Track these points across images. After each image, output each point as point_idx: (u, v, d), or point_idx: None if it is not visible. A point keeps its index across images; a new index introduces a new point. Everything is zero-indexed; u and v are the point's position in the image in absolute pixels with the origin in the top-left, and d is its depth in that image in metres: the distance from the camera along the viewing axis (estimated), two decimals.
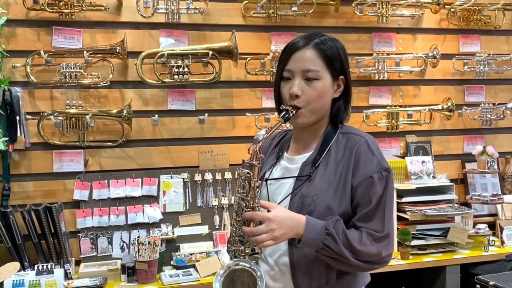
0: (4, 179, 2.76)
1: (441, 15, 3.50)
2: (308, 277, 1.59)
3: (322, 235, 1.51)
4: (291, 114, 1.58)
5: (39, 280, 2.50)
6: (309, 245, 1.54)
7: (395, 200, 2.99)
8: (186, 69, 2.96)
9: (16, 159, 2.87)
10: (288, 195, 1.62)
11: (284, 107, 1.60)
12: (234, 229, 1.57)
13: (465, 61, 3.53)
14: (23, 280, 2.48)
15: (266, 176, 1.70)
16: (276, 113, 2.28)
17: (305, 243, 1.52)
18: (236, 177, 1.58)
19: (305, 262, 1.58)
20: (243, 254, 1.55)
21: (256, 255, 1.56)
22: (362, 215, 1.56)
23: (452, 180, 3.37)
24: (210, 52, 2.95)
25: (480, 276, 2.73)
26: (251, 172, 1.53)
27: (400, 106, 3.40)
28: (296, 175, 1.64)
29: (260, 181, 1.55)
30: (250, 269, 1.52)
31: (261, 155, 1.55)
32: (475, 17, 3.51)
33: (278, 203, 1.62)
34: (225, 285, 1.51)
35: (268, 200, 1.65)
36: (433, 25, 3.51)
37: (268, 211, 1.52)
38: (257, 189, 1.53)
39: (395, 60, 3.38)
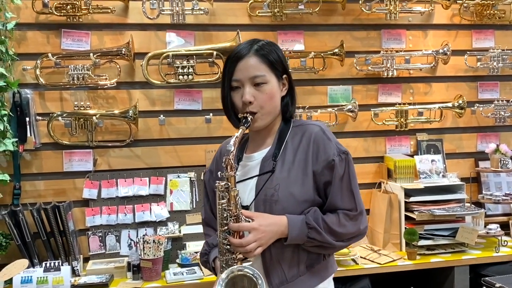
0: (15, 178, 2.85)
1: (453, 11, 3.42)
2: (280, 269, 1.65)
3: (305, 230, 1.60)
4: (250, 121, 1.65)
5: (46, 277, 2.58)
6: (295, 241, 1.62)
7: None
8: (190, 70, 2.99)
9: (27, 159, 2.96)
10: (258, 192, 1.66)
11: (241, 115, 1.67)
12: (221, 240, 1.59)
13: (478, 57, 3.44)
14: (31, 276, 2.57)
15: None
16: None
17: (291, 240, 1.61)
18: (214, 189, 1.63)
19: (276, 255, 1.64)
20: (235, 261, 1.57)
21: (246, 260, 1.58)
22: (332, 197, 1.64)
23: (464, 179, 3.31)
24: (215, 52, 2.97)
25: (487, 278, 2.68)
26: (229, 183, 1.58)
27: (410, 104, 3.35)
28: (256, 171, 1.70)
29: (238, 189, 1.59)
30: (252, 276, 1.52)
31: (235, 164, 1.61)
32: (488, 11, 3.42)
33: (249, 205, 1.67)
34: None
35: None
36: (445, 20, 3.44)
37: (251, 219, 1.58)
38: (237, 197, 1.57)
39: (405, 57, 3.33)
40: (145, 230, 3.01)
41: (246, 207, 1.68)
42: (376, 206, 3.24)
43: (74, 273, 2.77)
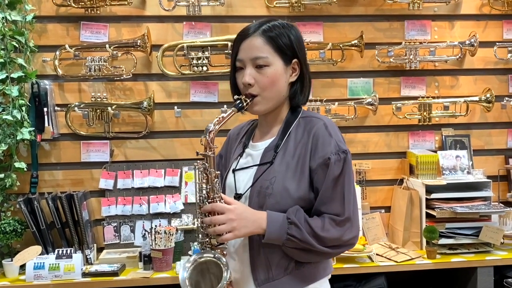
0: (33, 167, 2.92)
1: (482, 0, 3.27)
2: (266, 265, 1.57)
3: (285, 225, 1.49)
4: (244, 103, 1.58)
5: (58, 263, 2.62)
6: (274, 238, 1.52)
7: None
8: (205, 61, 2.98)
9: (46, 149, 3.02)
10: (254, 182, 1.60)
11: (237, 96, 1.60)
12: (199, 222, 1.55)
13: (509, 48, 3.27)
14: (43, 263, 2.61)
15: (233, 166, 1.70)
16: None
17: (269, 236, 1.51)
18: (194, 170, 1.59)
19: (264, 251, 1.57)
20: (209, 245, 1.54)
21: (221, 246, 1.53)
22: (321, 198, 1.53)
23: (493, 177, 3.15)
24: (229, 43, 2.95)
25: (509, 279, 2.53)
26: (206, 164, 1.54)
27: (433, 98, 3.22)
28: (258, 160, 1.63)
29: (218, 171, 1.55)
30: (215, 259, 1.51)
31: (214, 146, 1.55)
32: None
33: (243, 193, 1.61)
34: (194, 278, 1.51)
35: (235, 189, 1.65)
36: (473, 11, 3.29)
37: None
38: (216, 179, 1.53)
39: (429, 49, 3.20)
40: (159, 221, 3.01)
41: (239, 195, 1.63)
42: (397, 203, 3.13)
43: (87, 261, 2.80)
